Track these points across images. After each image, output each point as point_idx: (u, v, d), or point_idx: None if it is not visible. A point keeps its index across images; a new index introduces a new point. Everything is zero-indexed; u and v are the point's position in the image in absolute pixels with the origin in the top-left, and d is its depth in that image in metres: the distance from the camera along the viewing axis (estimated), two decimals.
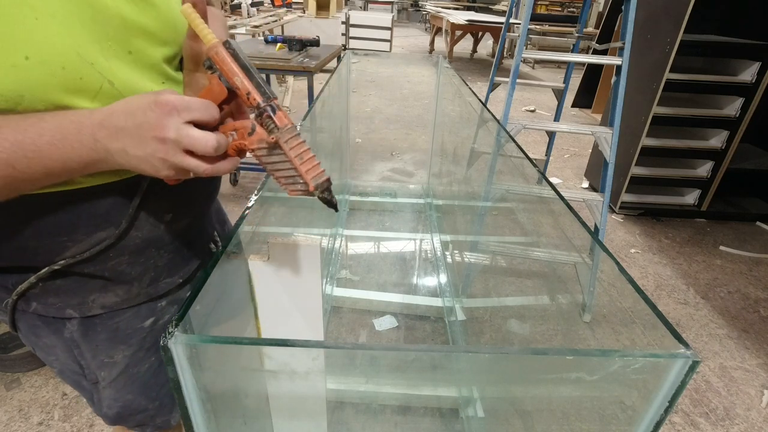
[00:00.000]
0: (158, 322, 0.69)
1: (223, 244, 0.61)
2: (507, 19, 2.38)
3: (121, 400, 0.70)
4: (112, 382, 0.68)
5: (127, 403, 0.71)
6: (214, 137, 0.44)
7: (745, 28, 2.58)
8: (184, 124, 0.43)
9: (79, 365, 0.66)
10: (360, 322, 1.77)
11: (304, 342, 0.51)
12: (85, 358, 0.65)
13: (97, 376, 0.67)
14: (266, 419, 0.79)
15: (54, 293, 0.59)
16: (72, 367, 0.66)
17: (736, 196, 2.86)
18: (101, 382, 0.68)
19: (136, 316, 0.66)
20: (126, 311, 0.65)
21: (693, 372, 0.47)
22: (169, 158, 0.44)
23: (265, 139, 0.48)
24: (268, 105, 0.47)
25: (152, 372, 0.70)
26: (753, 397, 1.56)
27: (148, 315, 0.67)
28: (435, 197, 2.60)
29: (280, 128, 0.48)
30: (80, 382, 0.69)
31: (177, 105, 0.43)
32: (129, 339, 0.66)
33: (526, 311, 1.15)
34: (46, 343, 0.64)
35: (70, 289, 0.59)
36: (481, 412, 1.27)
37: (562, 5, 9.02)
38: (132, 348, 0.67)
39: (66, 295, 0.59)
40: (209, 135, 0.44)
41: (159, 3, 0.55)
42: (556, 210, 0.87)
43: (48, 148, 0.44)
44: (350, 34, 6.91)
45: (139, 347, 0.68)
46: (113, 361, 0.66)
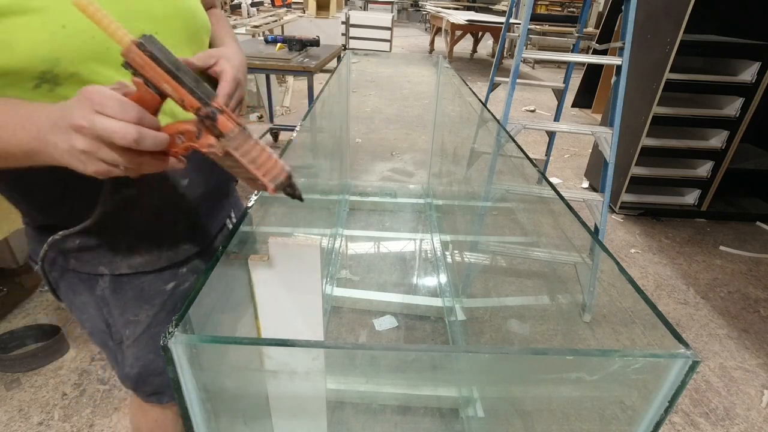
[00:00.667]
0: (178, 288, 0.74)
1: (223, 244, 0.61)
2: (507, 19, 2.38)
3: (143, 359, 0.75)
4: (136, 340, 0.73)
5: (147, 363, 0.75)
6: (134, 129, 0.42)
7: (745, 28, 2.58)
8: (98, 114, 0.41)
9: (107, 324, 0.72)
10: (360, 322, 1.77)
11: (304, 342, 0.51)
12: (113, 315, 0.71)
13: (122, 335, 0.72)
14: (266, 419, 0.79)
15: (88, 250, 0.66)
16: (100, 326, 0.72)
17: (736, 196, 2.86)
18: (125, 341, 0.73)
19: (158, 278, 0.71)
20: (150, 273, 0.70)
21: (693, 372, 0.47)
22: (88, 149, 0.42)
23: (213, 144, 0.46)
24: (208, 110, 0.44)
25: None
26: (753, 397, 1.56)
27: (170, 279, 0.73)
28: (435, 197, 2.60)
29: (225, 135, 0.45)
30: (107, 342, 0.74)
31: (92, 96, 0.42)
32: (152, 299, 0.72)
33: (526, 311, 1.15)
34: (82, 301, 0.70)
35: (101, 248, 0.66)
36: (481, 412, 1.27)
37: (562, 5, 9.02)
38: (155, 308, 0.72)
39: (98, 253, 0.66)
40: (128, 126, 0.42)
41: None
42: (556, 210, 0.87)
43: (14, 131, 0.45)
44: (350, 34, 6.91)
45: (161, 308, 0.73)
46: (137, 320, 0.72)
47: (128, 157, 0.44)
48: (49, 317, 1.70)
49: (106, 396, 1.41)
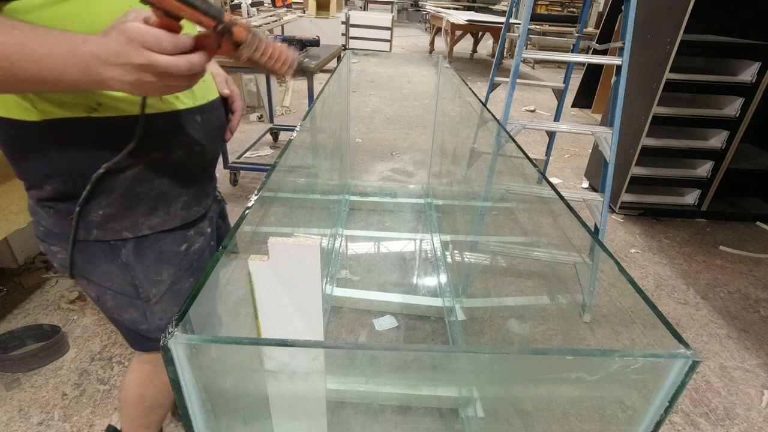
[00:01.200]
0: (190, 249, 0.84)
1: (223, 244, 0.61)
2: (507, 19, 2.38)
3: (170, 312, 0.84)
4: (162, 296, 0.82)
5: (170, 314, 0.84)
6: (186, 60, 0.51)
7: (745, 28, 2.58)
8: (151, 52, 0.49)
9: (134, 286, 0.79)
10: (360, 322, 1.77)
11: (304, 342, 0.51)
12: (138, 278, 0.78)
13: (149, 293, 0.81)
14: (266, 419, 0.79)
15: (111, 219, 0.73)
16: (127, 289, 0.79)
17: (736, 196, 2.86)
18: (152, 299, 0.81)
19: (173, 241, 0.80)
20: (167, 235, 0.79)
21: (693, 372, 0.47)
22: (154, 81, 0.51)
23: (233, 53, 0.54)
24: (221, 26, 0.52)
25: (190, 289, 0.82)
26: (753, 397, 1.56)
27: (183, 241, 0.82)
28: (435, 197, 2.60)
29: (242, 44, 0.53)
30: (134, 303, 0.81)
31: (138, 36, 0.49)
32: (171, 260, 0.81)
33: (526, 311, 1.15)
34: (103, 271, 0.76)
35: (124, 213, 0.73)
36: (481, 412, 1.27)
37: (562, 5, 9.02)
38: (174, 268, 0.82)
39: (121, 219, 0.73)
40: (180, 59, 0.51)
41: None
42: (556, 210, 0.87)
43: (44, 59, 0.51)
44: (350, 34, 6.91)
45: (179, 267, 0.82)
46: (161, 279, 0.81)
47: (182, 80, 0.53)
48: (48, 317, 1.70)
49: (106, 396, 1.41)
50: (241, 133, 3.70)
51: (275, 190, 0.92)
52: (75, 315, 1.72)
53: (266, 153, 3.35)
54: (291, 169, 1.11)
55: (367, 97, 4.99)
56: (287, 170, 1.05)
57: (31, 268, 1.95)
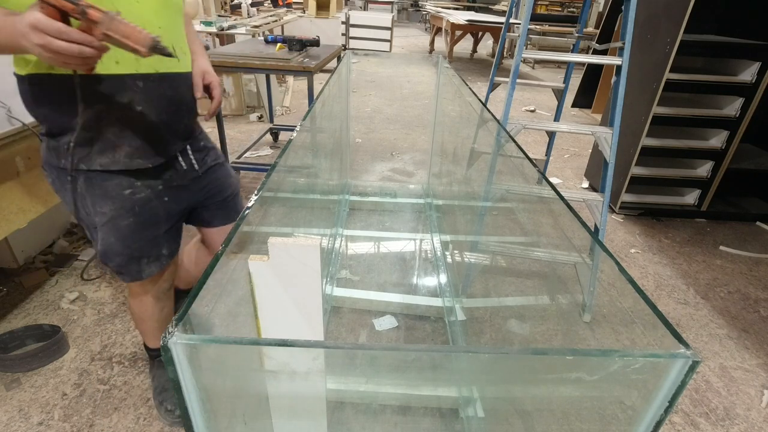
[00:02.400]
0: (134, 195, 1.02)
1: (223, 244, 0.61)
2: (507, 19, 2.38)
3: (107, 241, 1.03)
4: (102, 226, 1.02)
5: (109, 245, 1.04)
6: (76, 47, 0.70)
7: (745, 28, 2.58)
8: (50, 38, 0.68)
9: (86, 212, 1.02)
10: (360, 322, 1.77)
11: (304, 342, 0.51)
12: (87, 206, 1.01)
13: (95, 221, 1.02)
14: (266, 419, 0.79)
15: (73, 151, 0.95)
16: (83, 215, 1.02)
17: (736, 196, 2.86)
18: (98, 226, 1.02)
19: (119, 184, 1.00)
20: (114, 177, 0.99)
21: (693, 372, 0.47)
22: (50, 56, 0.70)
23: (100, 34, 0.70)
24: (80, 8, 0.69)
25: (129, 229, 1.04)
26: (753, 397, 1.56)
27: (127, 186, 1.01)
28: (435, 197, 2.60)
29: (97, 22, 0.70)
30: (89, 227, 1.04)
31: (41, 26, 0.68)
32: (113, 199, 1.00)
33: (526, 311, 1.15)
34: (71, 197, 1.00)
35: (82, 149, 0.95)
36: (481, 412, 1.27)
37: (562, 5, 9.02)
38: (115, 206, 1.01)
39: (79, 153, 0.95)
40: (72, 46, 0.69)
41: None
42: (556, 210, 0.87)
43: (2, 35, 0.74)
44: (350, 34, 6.91)
45: (120, 207, 1.01)
46: (103, 212, 1.01)
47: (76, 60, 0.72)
48: (49, 317, 1.70)
49: (106, 396, 1.41)
50: (241, 133, 3.70)
51: (275, 190, 0.92)
52: (75, 315, 1.72)
53: (266, 153, 3.35)
54: (291, 169, 1.11)
55: (367, 97, 4.99)
56: (287, 170, 1.05)
57: (31, 268, 1.95)
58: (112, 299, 1.81)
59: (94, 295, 1.83)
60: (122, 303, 1.79)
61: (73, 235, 2.20)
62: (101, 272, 1.96)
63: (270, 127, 3.47)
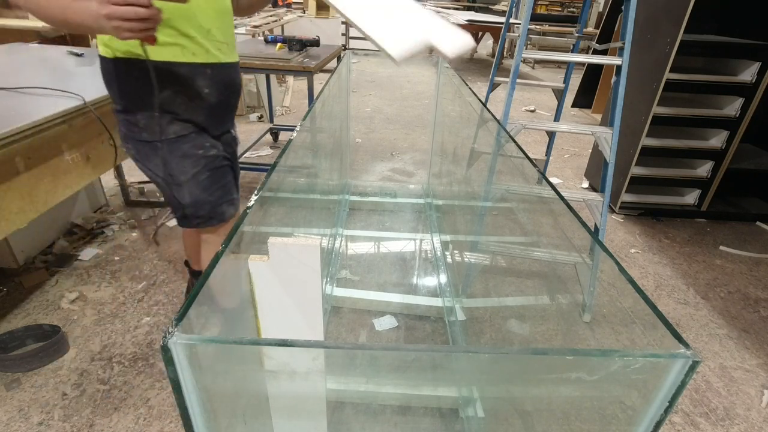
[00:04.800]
0: (206, 153, 1.21)
1: (223, 244, 0.61)
2: (507, 19, 2.38)
3: (195, 194, 1.21)
4: (188, 183, 1.20)
5: (197, 197, 1.22)
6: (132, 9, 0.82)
7: (745, 28, 2.58)
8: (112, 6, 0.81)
9: (170, 175, 1.18)
10: (360, 322, 1.77)
11: (304, 342, 0.51)
12: (172, 168, 1.17)
13: (179, 179, 1.19)
14: (266, 419, 0.79)
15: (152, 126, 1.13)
16: (165, 177, 1.19)
17: (736, 196, 2.86)
18: (182, 184, 1.19)
19: (193, 146, 1.19)
20: (187, 139, 1.17)
21: (693, 372, 0.47)
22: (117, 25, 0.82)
23: None
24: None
25: (209, 181, 1.23)
26: (753, 397, 1.56)
27: (200, 147, 1.20)
28: (435, 197, 2.60)
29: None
30: (170, 186, 1.20)
31: None
32: (191, 159, 1.18)
33: (526, 311, 1.15)
34: (154, 163, 1.17)
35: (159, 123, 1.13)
36: (481, 412, 1.27)
37: (562, 5, 9.02)
38: (194, 164, 1.19)
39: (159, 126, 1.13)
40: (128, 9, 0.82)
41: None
42: (556, 210, 0.87)
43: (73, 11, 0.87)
44: (350, 34, 6.91)
45: (197, 164, 1.20)
46: (185, 171, 1.18)
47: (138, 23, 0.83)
48: (49, 317, 1.70)
49: (106, 396, 1.41)
50: (241, 133, 3.69)
51: (275, 190, 0.92)
52: (75, 315, 1.72)
53: (266, 153, 3.35)
54: (291, 169, 1.11)
55: (367, 97, 4.99)
56: (287, 170, 1.05)
57: (31, 268, 1.95)
58: (112, 299, 1.81)
59: (94, 295, 1.83)
60: (122, 303, 1.80)
61: (73, 235, 2.20)
62: (101, 274, 1.96)
63: (270, 127, 3.47)
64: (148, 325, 1.69)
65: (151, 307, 1.79)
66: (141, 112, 1.11)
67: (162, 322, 1.72)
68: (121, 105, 1.13)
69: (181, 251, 2.14)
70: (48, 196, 1.38)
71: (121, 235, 2.25)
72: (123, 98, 1.12)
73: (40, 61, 1.96)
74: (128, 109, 1.12)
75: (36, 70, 1.81)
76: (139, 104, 1.11)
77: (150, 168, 1.19)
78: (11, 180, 1.23)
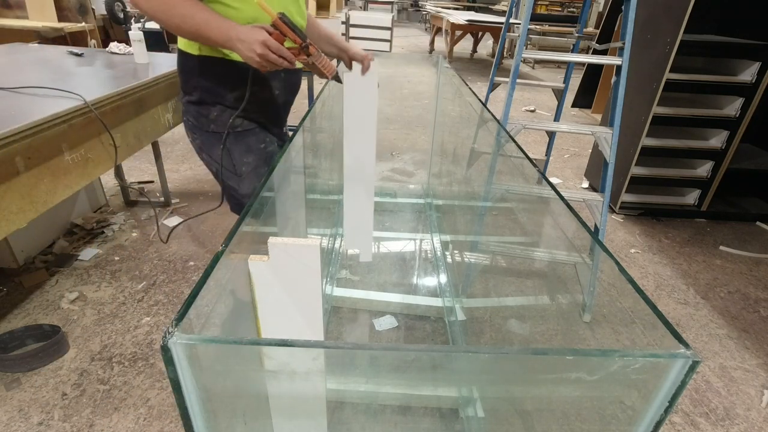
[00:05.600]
0: (267, 148, 1.28)
1: (223, 244, 0.61)
2: (507, 19, 2.38)
3: (253, 184, 1.26)
4: (249, 174, 1.26)
5: (254, 187, 1.22)
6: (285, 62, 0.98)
7: (745, 28, 2.58)
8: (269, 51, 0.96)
9: (233, 165, 1.24)
10: (360, 322, 1.77)
11: (304, 342, 0.51)
12: (235, 159, 1.24)
13: (241, 170, 1.25)
14: (266, 419, 0.79)
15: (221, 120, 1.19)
16: (229, 166, 1.24)
17: (736, 196, 2.87)
18: (243, 175, 1.25)
19: (256, 140, 1.26)
20: (251, 135, 1.24)
21: (693, 372, 0.47)
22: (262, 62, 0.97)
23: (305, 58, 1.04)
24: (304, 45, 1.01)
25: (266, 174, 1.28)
26: (753, 397, 1.56)
27: (262, 141, 1.27)
28: (435, 197, 2.60)
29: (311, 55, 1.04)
30: (232, 176, 1.26)
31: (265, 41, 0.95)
32: (253, 151, 1.25)
33: (526, 311, 1.15)
34: (217, 153, 1.22)
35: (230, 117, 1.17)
36: (481, 412, 1.27)
37: (562, 5, 9.02)
38: (256, 156, 1.26)
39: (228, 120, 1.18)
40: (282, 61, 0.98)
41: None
42: (556, 210, 0.87)
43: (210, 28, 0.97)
44: (350, 34, 6.91)
45: (258, 157, 1.26)
46: (248, 162, 1.25)
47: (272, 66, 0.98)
48: (49, 317, 1.70)
49: (106, 396, 1.41)
50: None
51: (275, 190, 0.92)
52: (75, 315, 1.72)
53: None
54: (291, 169, 1.11)
55: None
56: (287, 170, 1.05)
57: (31, 268, 1.95)
58: (112, 299, 1.81)
59: (94, 295, 1.83)
60: (122, 303, 1.80)
61: (73, 235, 2.20)
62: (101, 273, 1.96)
63: None
64: (148, 325, 1.69)
65: (151, 307, 1.79)
66: (215, 105, 1.18)
67: (162, 322, 1.72)
68: (196, 97, 1.19)
69: (181, 251, 2.14)
70: (48, 196, 1.37)
71: (121, 235, 2.25)
72: (200, 91, 1.18)
73: (40, 61, 1.96)
74: (203, 101, 1.18)
75: (36, 70, 1.81)
76: (215, 98, 1.18)
77: (214, 158, 1.25)
78: (11, 180, 1.23)
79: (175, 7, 0.96)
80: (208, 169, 1.32)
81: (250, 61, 0.97)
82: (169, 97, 2.03)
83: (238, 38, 0.96)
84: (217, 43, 0.99)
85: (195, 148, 1.29)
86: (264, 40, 0.94)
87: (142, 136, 1.87)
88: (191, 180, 2.89)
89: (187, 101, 1.21)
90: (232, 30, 0.96)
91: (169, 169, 2.97)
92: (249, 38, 0.95)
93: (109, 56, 2.21)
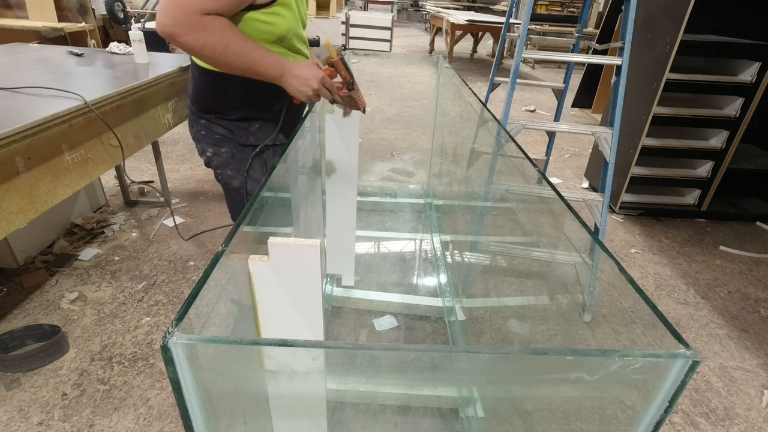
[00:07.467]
0: None
1: (223, 244, 0.61)
2: (507, 19, 2.38)
3: None
4: None
5: None
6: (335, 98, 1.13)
7: (745, 28, 2.58)
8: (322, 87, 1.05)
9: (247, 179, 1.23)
10: (360, 322, 1.77)
11: (304, 342, 0.51)
12: (257, 173, 1.24)
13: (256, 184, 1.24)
14: (266, 419, 0.79)
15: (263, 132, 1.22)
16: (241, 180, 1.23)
17: (736, 196, 2.87)
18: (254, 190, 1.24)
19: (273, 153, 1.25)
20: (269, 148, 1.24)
21: (693, 372, 0.47)
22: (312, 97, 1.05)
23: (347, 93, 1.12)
24: (351, 81, 1.10)
25: None
26: (753, 397, 1.56)
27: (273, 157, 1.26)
28: (435, 197, 2.60)
29: (353, 89, 1.12)
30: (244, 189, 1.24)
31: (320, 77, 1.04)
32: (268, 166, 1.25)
33: (526, 311, 1.15)
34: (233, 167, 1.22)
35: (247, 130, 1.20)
36: (481, 412, 1.27)
37: (562, 5, 9.02)
38: None
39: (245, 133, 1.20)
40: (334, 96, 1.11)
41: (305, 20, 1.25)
42: (556, 210, 0.87)
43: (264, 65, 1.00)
44: (350, 34, 6.91)
45: None
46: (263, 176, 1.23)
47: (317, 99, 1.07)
48: (49, 317, 1.70)
49: (106, 396, 1.41)
50: None
51: (275, 190, 0.92)
52: (75, 315, 1.72)
53: None
54: (291, 169, 1.11)
55: (367, 97, 4.97)
56: (287, 170, 1.05)
57: (31, 268, 1.95)
58: (112, 299, 1.81)
59: (94, 295, 1.83)
60: (122, 303, 1.79)
61: (73, 235, 2.20)
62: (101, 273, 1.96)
63: None
64: (148, 325, 1.69)
65: (151, 307, 1.79)
66: (257, 120, 1.19)
67: (162, 322, 1.72)
68: (237, 115, 1.17)
69: (180, 251, 2.14)
70: (48, 196, 1.37)
71: (121, 235, 2.25)
72: (244, 108, 1.16)
73: (40, 61, 1.96)
74: (222, 116, 1.17)
75: (36, 70, 1.81)
76: (260, 113, 1.18)
77: (241, 170, 1.22)
78: (11, 180, 1.23)
79: (230, 46, 0.95)
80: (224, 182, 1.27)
81: (299, 95, 1.03)
82: (169, 97, 2.03)
83: (292, 74, 1.01)
84: (270, 78, 1.02)
85: (214, 161, 1.24)
86: (322, 78, 1.02)
87: (142, 136, 1.86)
88: (191, 180, 2.89)
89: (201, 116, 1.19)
90: (285, 66, 1.01)
91: (169, 169, 2.98)
92: (305, 75, 1.01)
93: (109, 56, 2.21)
